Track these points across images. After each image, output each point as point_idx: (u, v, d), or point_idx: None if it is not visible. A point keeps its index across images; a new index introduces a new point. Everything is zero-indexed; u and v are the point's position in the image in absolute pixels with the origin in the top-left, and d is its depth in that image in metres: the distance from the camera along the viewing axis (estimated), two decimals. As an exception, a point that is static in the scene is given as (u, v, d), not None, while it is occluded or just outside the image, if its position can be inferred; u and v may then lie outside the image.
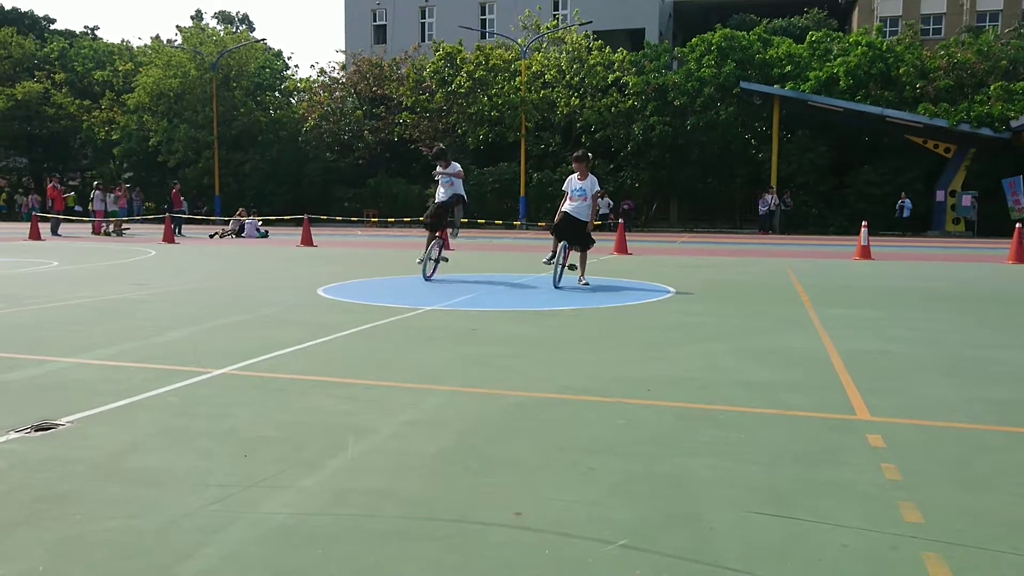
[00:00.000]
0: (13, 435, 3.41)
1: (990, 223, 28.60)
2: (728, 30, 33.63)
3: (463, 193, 10.51)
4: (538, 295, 8.95)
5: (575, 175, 9.68)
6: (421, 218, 11.27)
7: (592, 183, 9.58)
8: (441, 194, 10.32)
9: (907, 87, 30.58)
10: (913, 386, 4.51)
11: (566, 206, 9.66)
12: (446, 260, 10.81)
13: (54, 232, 24.33)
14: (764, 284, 10.54)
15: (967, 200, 28.72)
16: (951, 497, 2.79)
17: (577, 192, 9.59)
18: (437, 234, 10.35)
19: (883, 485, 2.90)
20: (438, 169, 10.35)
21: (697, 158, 32.80)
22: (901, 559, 2.30)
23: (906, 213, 28.46)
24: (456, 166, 10.39)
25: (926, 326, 6.84)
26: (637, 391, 4.31)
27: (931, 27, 39.68)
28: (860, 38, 31.81)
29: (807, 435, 3.53)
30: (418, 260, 10.43)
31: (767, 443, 3.39)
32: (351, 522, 2.54)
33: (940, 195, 29.24)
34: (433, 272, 10.34)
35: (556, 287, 9.45)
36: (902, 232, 28.97)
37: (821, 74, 30.60)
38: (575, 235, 9.60)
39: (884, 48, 31.13)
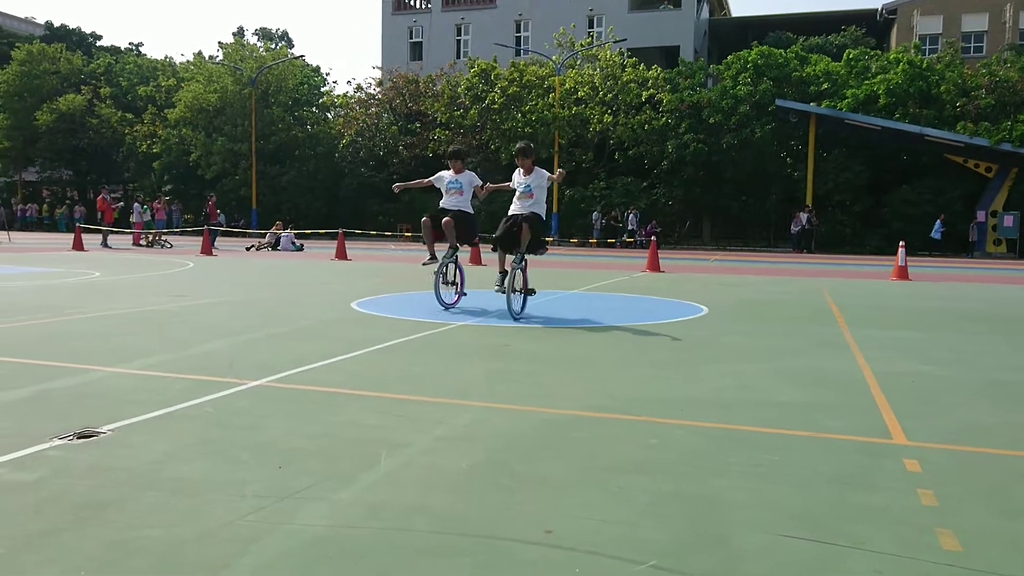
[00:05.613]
0: (57, 441, 3.51)
1: (1033, 245, 28.08)
2: (764, 48, 33.48)
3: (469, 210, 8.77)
4: (570, 312, 8.95)
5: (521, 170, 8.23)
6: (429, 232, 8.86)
7: (538, 175, 8.12)
8: (448, 202, 8.67)
9: (947, 105, 30.17)
10: (951, 410, 4.44)
11: (514, 207, 8.13)
12: (465, 294, 8.90)
13: (104, 244, 24.51)
14: (799, 304, 10.43)
15: (1009, 221, 28.19)
16: (989, 525, 2.74)
17: (523, 188, 8.09)
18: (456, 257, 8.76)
19: (919, 511, 2.86)
20: (450, 174, 8.72)
21: (731, 176, 32.59)
22: (937, 587, 2.27)
23: (935, 234, 27.83)
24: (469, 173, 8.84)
25: (964, 348, 6.72)
26: (669, 410, 4.29)
27: (972, 45, 39.07)
28: (900, 55, 31.47)
29: (841, 458, 3.49)
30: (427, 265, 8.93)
31: (800, 465, 3.36)
32: (384, 536, 2.57)
33: (981, 216, 28.74)
34: (455, 302, 8.76)
35: (516, 319, 7.84)
36: (941, 253, 28.47)
37: (859, 92, 30.28)
38: (525, 240, 7.94)
39: (925, 66, 30.75)
